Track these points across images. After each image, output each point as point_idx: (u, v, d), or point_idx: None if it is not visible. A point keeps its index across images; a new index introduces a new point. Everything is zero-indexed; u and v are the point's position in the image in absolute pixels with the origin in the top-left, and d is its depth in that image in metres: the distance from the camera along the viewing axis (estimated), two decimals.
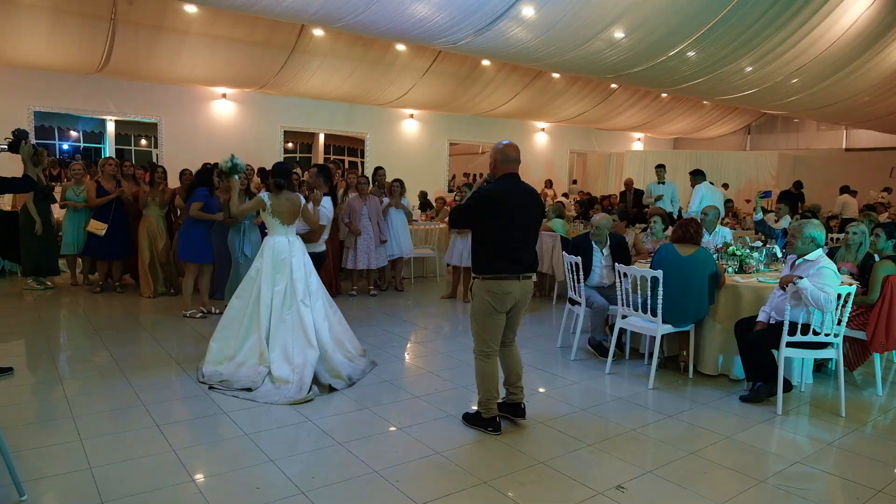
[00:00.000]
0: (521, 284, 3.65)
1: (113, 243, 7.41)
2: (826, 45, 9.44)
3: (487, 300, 3.62)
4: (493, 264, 3.60)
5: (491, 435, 3.69)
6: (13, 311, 6.54)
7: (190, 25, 9.35)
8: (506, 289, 3.59)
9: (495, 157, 3.69)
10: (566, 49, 8.44)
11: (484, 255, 3.64)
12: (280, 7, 6.68)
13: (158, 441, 3.52)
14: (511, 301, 3.65)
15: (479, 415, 3.79)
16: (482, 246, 3.65)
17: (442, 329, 6.60)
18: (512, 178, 3.68)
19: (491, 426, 3.73)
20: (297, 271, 4.59)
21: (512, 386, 3.90)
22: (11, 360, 4.85)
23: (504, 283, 3.59)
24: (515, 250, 3.60)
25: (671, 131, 18.68)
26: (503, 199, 3.59)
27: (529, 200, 3.71)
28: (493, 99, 13.60)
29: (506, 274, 3.59)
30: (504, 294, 3.60)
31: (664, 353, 5.26)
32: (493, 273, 3.60)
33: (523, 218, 3.64)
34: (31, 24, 8.57)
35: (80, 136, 12.11)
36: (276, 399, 4.14)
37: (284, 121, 12.83)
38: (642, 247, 6.43)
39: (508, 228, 3.58)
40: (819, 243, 4.34)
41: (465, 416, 3.90)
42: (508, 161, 3.67)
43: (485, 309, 3.64)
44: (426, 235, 9.33)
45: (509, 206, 3.59)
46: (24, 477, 2.94)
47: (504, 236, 3.59)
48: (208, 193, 6.43)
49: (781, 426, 4.07)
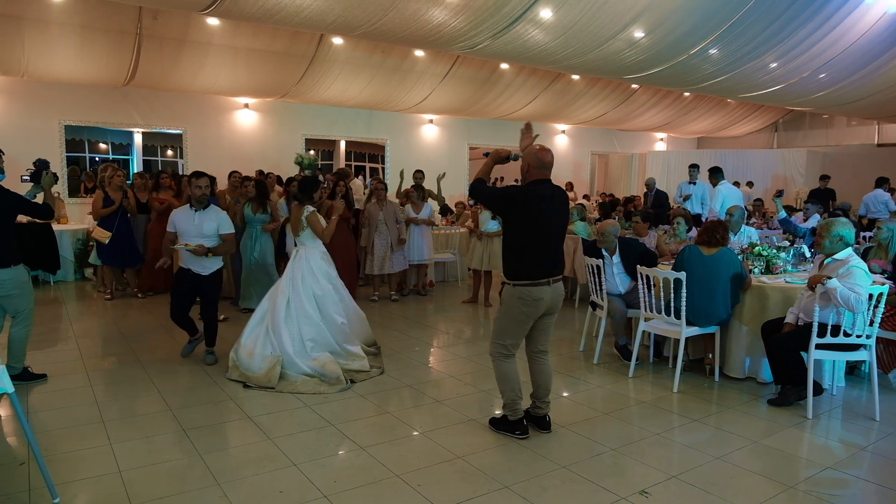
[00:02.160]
0: (553, 289, 3.60)
1: (122, 252, 7.62)
2: (855, 36, 9.21)
3: (519, 307, 3.56)
4: (524, 270, 3.54)
5: (518, 439, 3.66)
6: (47, 319, 6.69)
7: (212, 37, 9.54)
8: (537, 295, 3.54)
9: (529, 162, 3.61)
10: (585, 50, 8.39)
11: (515, 260, 3.58)
12: (299, 17, 6.77)
13: (185, 445, 3.58)
14: (543, 307, 3.59)
15: (505, 419, 3.75)
16: (512, 251, 3.59)
17: (463, 333, 6.60)
18: (544, 184, 3.59)
19: (518, 429, 3.68)
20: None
21: (539, 400, 3.82)
22: (44, 366, 4.97)
23: (536, 289, 3.53)
24: (546, 256, 3.56)
25: (695, 130, 18.43)
26: (535, 205, 3.52)
27: (560, 205, 3.64)
28: (513, 102, 13.57)
29: (537, 280, 3.53)
30: (536, 300, 3.54)
31: (689, 356, 5.18)
32: (524, 279, 3.54)
33: (554, 223, 3.59)
34: (61, 41, 8.83)
35: (108, 148, 12.39)
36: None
37: (306, 129, 12.98)
38: (665, 249, 6.34)
39: (540, 234, 3.53)
40: (848, 242, 4.23)
41: (491, 421, 3.85)
42: (542, 167, 3.59)
43: (516, 315, 3.59)
44: (447, 240, 9.33)
45: (541, 213, 3.52)
46: (57, 480, 3.02)
47: (535, 242, 3.53)
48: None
49: (812, 430, 3.98)
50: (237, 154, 11.81)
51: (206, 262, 5.03)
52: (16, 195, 4.19)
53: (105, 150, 12.66)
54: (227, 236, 5.11)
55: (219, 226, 5.06)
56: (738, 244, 5.87)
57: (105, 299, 7.72)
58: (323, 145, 14.42)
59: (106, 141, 12.56)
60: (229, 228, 5.13)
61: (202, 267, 5.04)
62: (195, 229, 4.99)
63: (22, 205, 4.22)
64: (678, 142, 19.84)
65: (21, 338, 4.45)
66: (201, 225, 5.00)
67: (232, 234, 5.15)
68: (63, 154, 10.62)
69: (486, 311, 7.55)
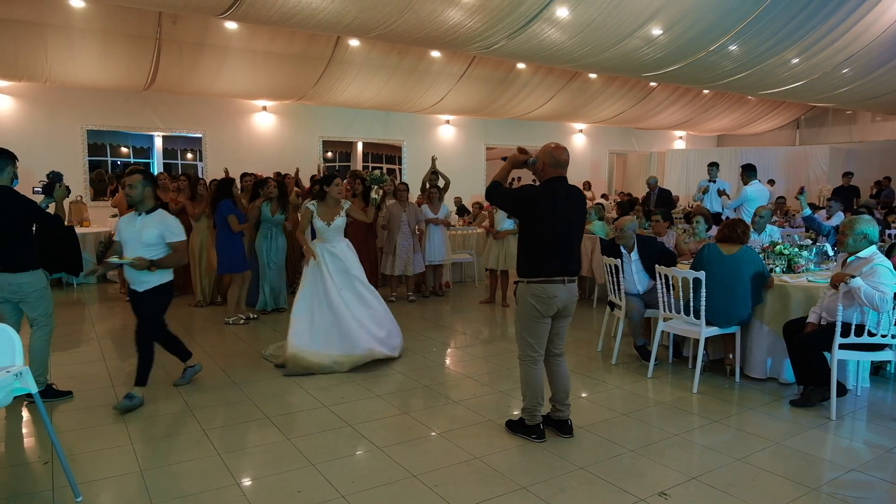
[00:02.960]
0: (567, 288, 3.58)
1: None
2: (880, 30, 9.03)
3: (532, 303, 3.55)
4: (537, 268, 3.54)
5: (535, 442, 3.65)
6: (69, 321, 6.80)
7: (230, 41, 9.63)
8: (551, 292, 3.52)
9: (544, 160, 3.59)
10: (602, 49, 8.33)
11: (528, 258, 3.58)
12: (316, 20, 6.80)
13: (204, 445, 3.62)
14: (556, 305, 3.57)
15: (522, 422, 3.74)
16: (527, 249, 3.59)
17: (481, 334, 6.58)
18: (560, 182, 3.58)
19: (535, 433, 3.67)
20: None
21: (559, 403, 3.78)
22: (67, 367, 5.06)
23: (549, 286, 3.52)
24: (561, 254, 3.54)
25: (714, 128, 18.20)
26: (549, 203, 3.51)
27: (575, 204, 3.62)
28: (530, 102, 13.52)
29: (551, 277, 3.52)
30: (549, 298, 3.53)
31: (709, 356, 5.12)
32: (537, 276, 3.54)
33: (569, 222, 3.57)
34: (83, 47, 8.98)
35: (130, 152, 12.58)
36: None
37: (323, 131, 13.06)
38: (684, 248, 6.27)
39: (554, 232, 3.52)
40: (872, 240, 4.15)
41: (508, 424, 3.84)
42: (557, 165, 3.57)
43: (529, 313, 3.58)
44: (464, 240, 9.33)
45: (555, 210, 3.51)
46: (80, 479, 3.09)
47: (549, 240, 3.52)
48: (233, 205, 6.67)
49: (836, 432, 3.91)
50: (256, 156, 11.92)
51: (144, 277, 4.19)
52: (33, 202, 4.23)
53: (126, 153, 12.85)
54: (176, 245, 4.25)
55: (163, 233, 4.20)
56: (759, 243, 5.79)
57: (126, 301, 7.80)
58: (340, 147, 14.50)
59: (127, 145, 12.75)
60: (177, 236, 4.25)
61: (139, 282, 4.24)
62: (135, 237, 4.19)
63: (38, 213, 4.24)
64: (697, 140, 19.62)
65: (41, 347, 4.30)
66: (141, 232, 4.18)
67: (181, 241, 4.28)
68: (85, 158, 10.81)
69: (503, 312, 7.53)
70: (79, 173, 10.56)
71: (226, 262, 6.72)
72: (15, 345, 3.01)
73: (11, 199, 4.10)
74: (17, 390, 2.93)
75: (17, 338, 3.03)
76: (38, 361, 4.29)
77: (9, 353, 3.01)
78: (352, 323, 5.13)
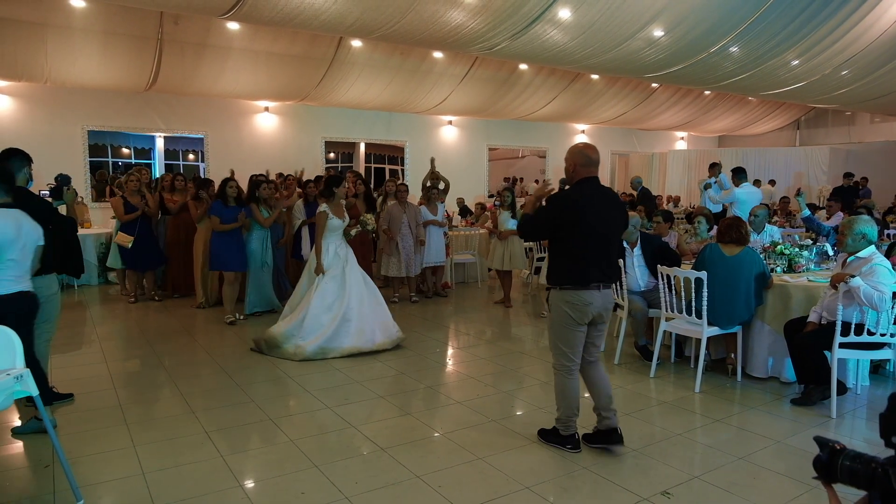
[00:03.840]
0: (602, 295, 3.40)
1: (142, 255, 7.72)
2: (878, 33, 9.07)
3: (566, 311, 3.38)
4: (571, 274, 3.37)
5: (571, 453, 3.49)
6: (71, 322, 6.82)
7: (232, 42, 9.64)
8: (585, 299, 3.35)
9: (574, 161, 3.43)
10: (604, 50, 8.34)
11: (561, 264, 3.41)
12: (318, 20, 6.82)
13: (207, 447, 3.62)
14: (591, 313, 3.39)
15: (556, 431, 3.59)
16: (559, 255, 3.43)
17: (483, 334, 6.60)
18: (591, 183, 3.42)
19: (570, 443, 3.52)
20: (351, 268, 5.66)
21: (604, 409, 3.55)
22: (68, 369, 5.08)
23: (583, 293, 3.35)
24: (595, 259, 3.35)
25: (716, 129, 18.21)
26: (582, 206, 3.33)
27: (611, 206, 3.45)
28: (532, 102, 13.54)
29: (584, 283, 3.35)
30: (584, 305, 3.35)
31: (711, 355, 5.13)
32: (571, 283, 3.37)
33: (604, 226, 3.38)
34: (84, 47, 8.98)
35: (131, 152, 12.59)
36: None
37: (325, 131, 13.07)
38: (686, 248, 6.28)
39: (588, 237, 3.33)
40: (871, 239, 4.17)
41: (541, 433, 3.69)
42: (588, 164, 3.41)
43: (563, 321, 3.41)
44: (466, 241, 9.33)
45: (589, 213, 3.33)
46: (81, 482, 3.07)
47: (583, 245, 3.34)
48: (222, 205, 6.69)
49: (836, 430, 3.93)
50: (258, 157, 11.92)
51: None
52: (50, 205, 4.22)
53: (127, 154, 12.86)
54: None
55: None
56: (760, 243, 5.80)
57: (129, 302, 7.84)
58: (342, 147, 14.51)
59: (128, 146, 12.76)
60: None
61: None
62: None
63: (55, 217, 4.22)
64: (699, 140, 19.62)
65: (40, 353, 4.10)
66: None
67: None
68: (86, 159, 10.80)
69: (507, 312, 7.54)
70: (80, 174, 10.54)
71: (213, 258, 6.80)
72: (15, 347, 2.99)
73: (29, 201, 4.07)
74: (18, 393, 2.91)
75: (17, 340, 3.00)
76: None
77: (9, 356, 2.98)
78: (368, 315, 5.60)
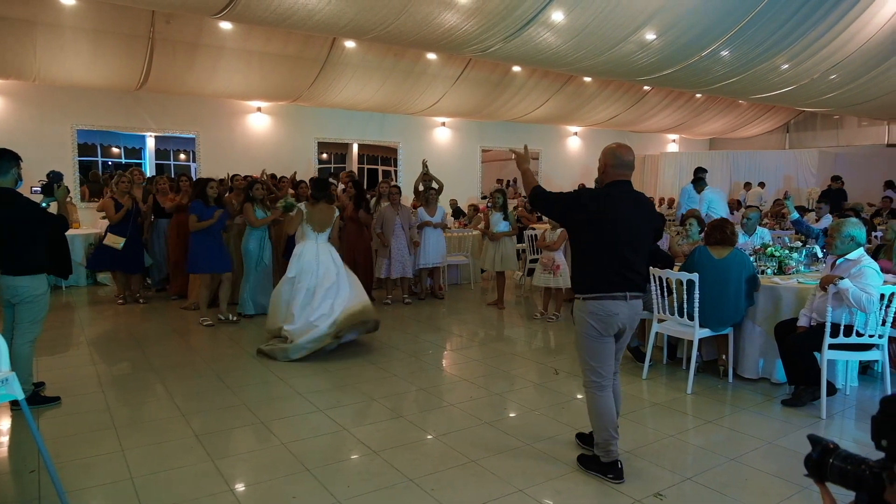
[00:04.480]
0: (629, 305, 3.18)
1: (129, 257, 7.61)
2: (865, 39, 9.17)
3: (591, 323, 3.17)
4: (596, 283, 3.16)
5: (612, 483, 3.19)
6: (58, 324, 6.76)
7: (225, 41, 9.59)
8: (611, 310, 3.13)
9: (606, 161, 3.24)
10: (597, 53, 8.37)
11: (586, 271, 3.21)
12: (312, 21, 6.80)
13: (197, 451, 3.59)
14: (617, 324, 3.18)
15: (596, 459, 3.29)
16: (584, 262, 3.22)
17: (476, 336, 6.59)
18: (622, 186, 3.21)
19: (612, 473, 3.21)
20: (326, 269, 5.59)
21: None
22: (55, 372, 5.02)
23: (609, 303, 3.13)
24: (622, 267, 3.13)
25: (707, 131, 18.33)
26: (609, 207, 3.12)
27: (641, 213, 3.24)
28: (525, 104, 13.57)
29: (610, 292, 3.14)
30: (609, 316, 3.14)
31: (702, 357, 5.15)
32: (596, 292, 3.15)
33: (632, 232, 3.16)
34: (73, 45, 8.89)
35: (121, 152, 12.50)
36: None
37: (318, 132, 13.03)
38: (678, 250, 6.31)
39: (615, 243, 3.12)
40: (859, 242, 4.21)
41: (580, 459, 3.42)
42: (622, 165, 3.21)
43: (589, 333, 3.19)
44: (459, 243, 9.33)
45: (617, 216, 3.12)
46: (68, 487, 3.02)
47: (609, 252, 3.13)
48: (202, 205, 6.61)
49: (826, 431, 3.96)
50: (250, 158, 11.86)
51: None
52: (37, 205, 4.17)
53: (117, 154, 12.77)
54: None
55: None
56: (751, 245, 5.84)
57: (118, 304, 7.76)
58: (335, 148, 14.47)
59: (118, 145, 12.66)
60: None
61: None
62: None
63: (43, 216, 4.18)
64: (691, 143, 19.74)
65: (25, 354, 4.12)
66: None
67: None
68: (75, 158, 10.70)
69: (500, 314, 7.53)
70: (68, 173, 10.44)
71: (191, 261, 6.72)
72: (0, 351, 2.94)
73: (17, 201, 4.05)
74: (3, 397, 2.86)
75: (2, 342, 2.95)
76: (22, 368, 4.05)
77: None
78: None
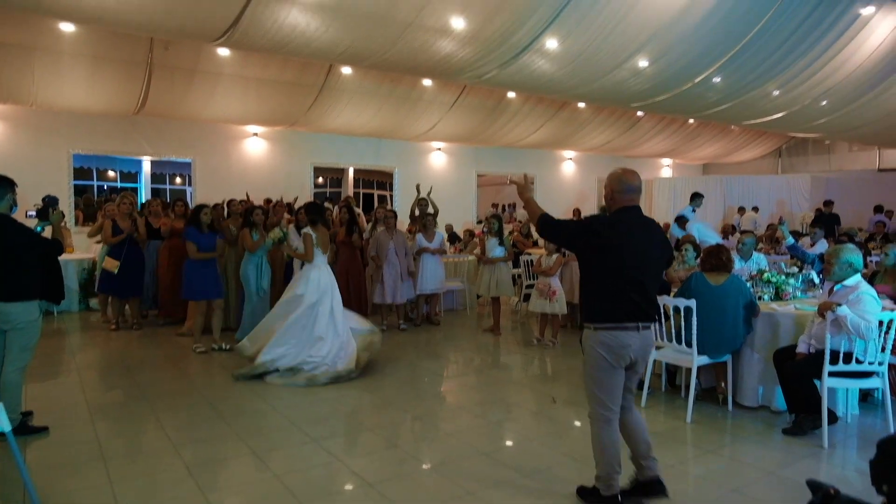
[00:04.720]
0: (641, 336, 3.09)
1: (126, 281, 7.49)
2: (854, 66, 9.32)
3: (601, 353, 3.08)
4: (607, 312, 3.08)
5: None
6: (49, 351, 6.65)
7: (223, 67, 9.67)
8: (623, 341, 3.05)
9: (612, 187, 3.19)
10: (591, 79, 8.48)
11: (596, 300, 3.13)
12: (309, 48, 6.87)
13: (187, 483, 3.50)
14: (629, 356, 3.10)
15: (596, 492, 3.21)
16: (593, 290, 3.14)
17: (473, 362, 6.54)
18: (631, 212, 3.16)
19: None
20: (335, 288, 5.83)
21: (643, 458, 3.26)
22: (45, 400, 4.93)
23: (621, 333, 3.05)
24: (633, 295, 3.06)
25: (700, 157, 18.50)
26: (619, 234, 3.07)
27: (651, 240, 3.18)
28: (520, 130, 13.68)
29: (622, 323, 3.06)
30: (621, 347, 3.06)
31: (701, 384, 5.12)
32: (607, 322, 3.08)
33: (638, 258, 3.09)
34: (71, 71, 8.94)
35: (117, 176, 12.52)
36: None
37: (314, 157, 13.07)
38: (674, 275, 6.31)
39: (624, 270, 3.05)
40: (857, 268, 4.21)
41: (579, 491, 3.34)
42: (629, 191, 3.15)
43: (599, 364, 3.10)
44: (455, 268, 9.31)
45: (626, 243, 3.07)
46: None
47: (619, 280, 3.06)
48: (197, 232, 6.54)
49: (828, 460, 3.91)
50: (246, 182, 11.82)
51: None
52: (31, 231, 4.15)
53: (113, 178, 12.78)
54: None
55: None
56: (747, 271, 5.84)
57: (110, 330, 7.65)
58: (331, 173, 14.54)
59: (114, 169, 12.69)
60: None
61: None
62: None
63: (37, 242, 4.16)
64: (684, 168, 19.90)
65: (14, 382, 4.05)
66: None
67: None
68: (70, 183, 10.67)
69: (496, 340, 7.46)
70: (64, 198, 10.40)
71: (185, 287, 6.61)
72: None
73: (10, 228, 4.02)
74: None
75: None
76: (11, 396, 3.98)
77: None
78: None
